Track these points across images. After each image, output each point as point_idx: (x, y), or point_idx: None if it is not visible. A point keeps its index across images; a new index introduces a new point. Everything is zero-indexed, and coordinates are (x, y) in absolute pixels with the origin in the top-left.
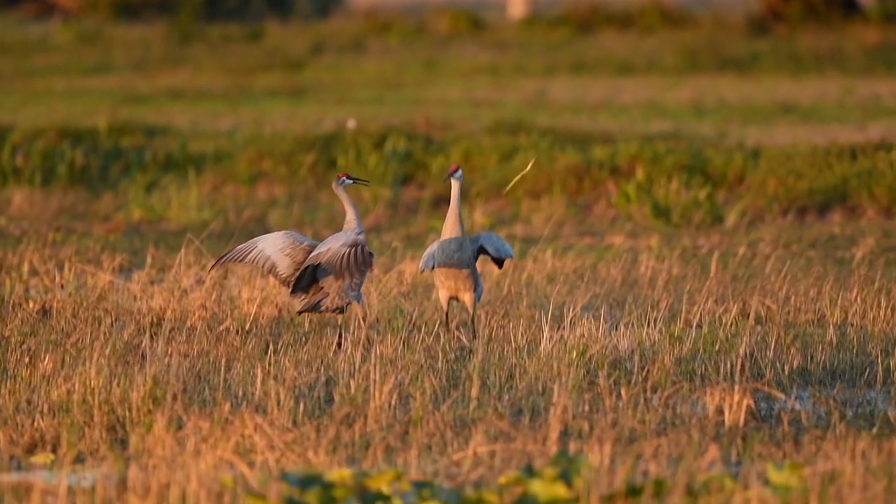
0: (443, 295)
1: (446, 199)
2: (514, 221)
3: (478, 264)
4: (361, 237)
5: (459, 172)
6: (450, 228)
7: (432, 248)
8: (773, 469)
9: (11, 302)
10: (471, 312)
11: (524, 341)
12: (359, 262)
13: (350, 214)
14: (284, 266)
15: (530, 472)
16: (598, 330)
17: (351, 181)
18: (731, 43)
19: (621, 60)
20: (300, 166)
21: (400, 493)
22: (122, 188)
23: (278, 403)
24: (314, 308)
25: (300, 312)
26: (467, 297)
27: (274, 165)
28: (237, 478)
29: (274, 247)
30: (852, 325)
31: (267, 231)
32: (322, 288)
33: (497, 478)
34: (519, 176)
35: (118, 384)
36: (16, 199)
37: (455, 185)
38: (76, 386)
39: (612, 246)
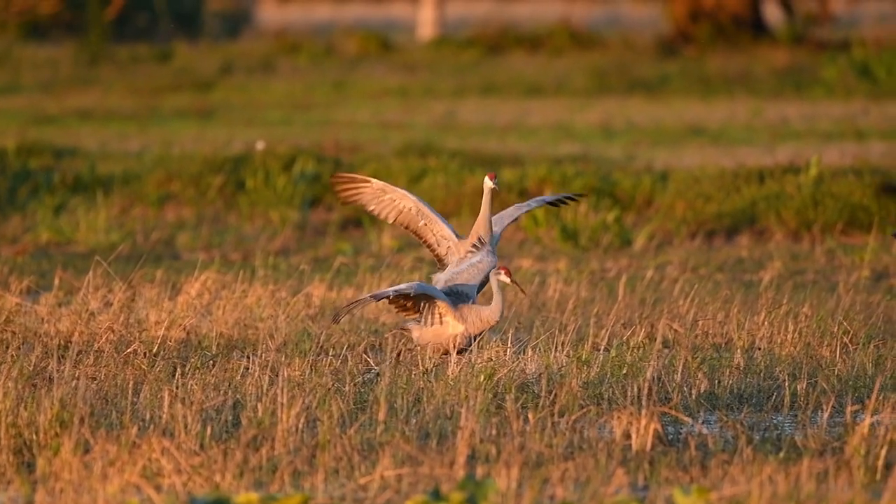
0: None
1: (354, 222)
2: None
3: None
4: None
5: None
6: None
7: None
8: (679, 494)
9: None
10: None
11: (431, 365)
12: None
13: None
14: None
15: (437, 496)
16: (505, 353)
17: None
18: (640, 65)
19: (530, 82)
20: (209, 188)
21: None
22: (31, 210)
23: (185, 427)
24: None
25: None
26: None
27: (182, 187)
28: (144, 502)
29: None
30: (759, 348)
31: (175, 254)
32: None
33: (404, 502)
34: None
35: (25, 407)
36: None
37: (487, 191)
38: None
39: (521, 269)
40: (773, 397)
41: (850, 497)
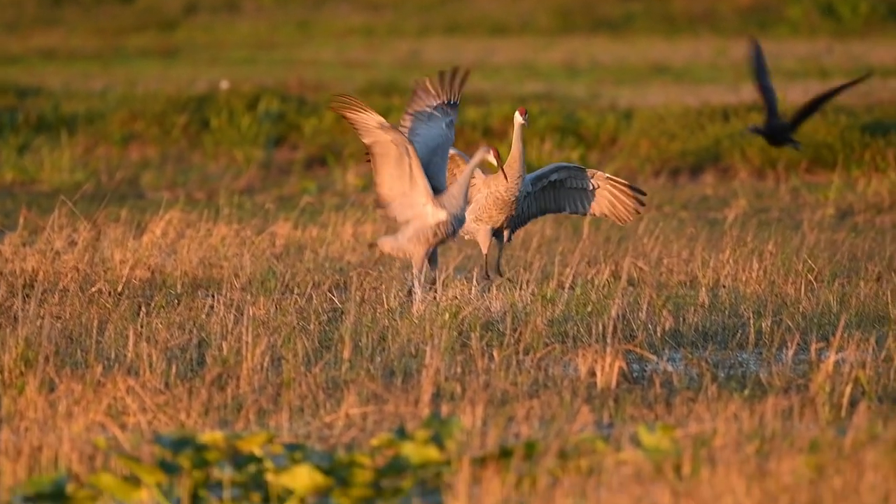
0: (485, 231)
1: (319, 161)
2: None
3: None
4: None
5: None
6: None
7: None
8: (644, 431)
9: None
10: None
11: (396, 303)
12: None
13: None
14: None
15: (402, 434)
16: (470, 292)
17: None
18: (604, 3)
19: (495, 21)
20: (173, 127)
21: (272, 455)
22: None
23: (150, 365)
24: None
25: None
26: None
27: (146, 126)
28: (109, 440)
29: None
30: (724, 286)
31: (139, 193)
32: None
33: (369, 440)
34: None
35: None
36: None
37: (517, 127)
38: None
39: None
40: (738, 335)
41: (815, 434)
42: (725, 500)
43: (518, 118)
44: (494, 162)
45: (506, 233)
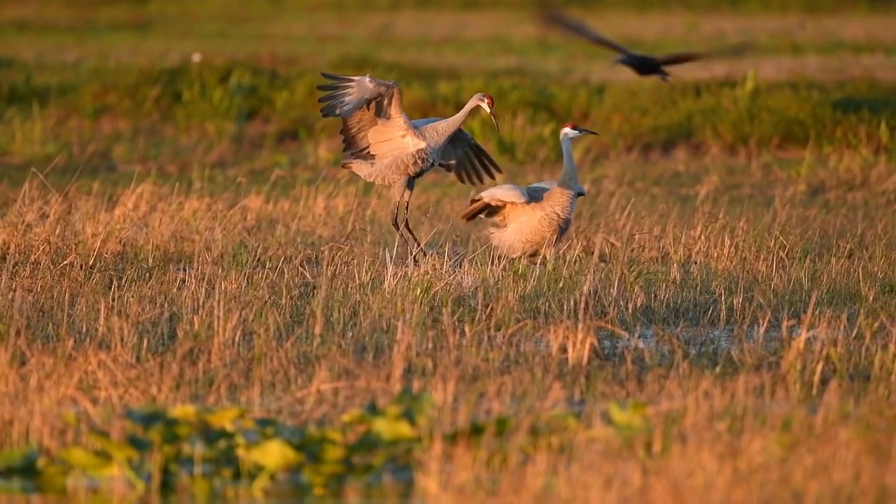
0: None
1: (290, 134)
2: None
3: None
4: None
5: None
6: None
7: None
8: (616, 408)
9: None
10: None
11: (368, 278)
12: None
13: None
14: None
15: (374, 410)
16: (441, 267)
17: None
18: None
19: None
20: (145, 100)
21: (243, 430)
22: None
23: (122, 339)
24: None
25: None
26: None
27: (119, 99)
28: (80, 414)
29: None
30: (696, 263)
31: (111, 166)
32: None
33: (341, 416)
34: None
35: None
36: None
37: (568, 140)
38: None
39: (456, 182)
40: (710, 311)
41: (787, 412)
42: (696, 477)
43: (569, 132)
44: (488, 109)
45: (548, 251)
